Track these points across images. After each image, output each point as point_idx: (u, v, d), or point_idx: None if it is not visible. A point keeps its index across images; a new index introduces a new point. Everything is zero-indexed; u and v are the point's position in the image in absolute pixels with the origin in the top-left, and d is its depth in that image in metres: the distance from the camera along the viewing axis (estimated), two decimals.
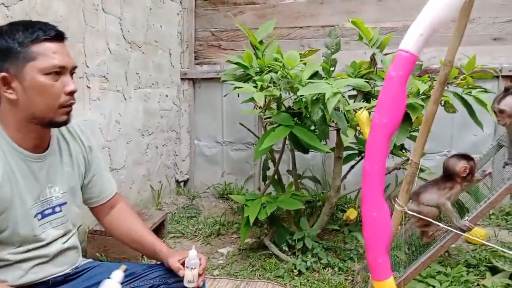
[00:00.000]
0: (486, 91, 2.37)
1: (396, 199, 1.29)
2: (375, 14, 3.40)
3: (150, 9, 3.23)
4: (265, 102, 2.38)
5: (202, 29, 3.88)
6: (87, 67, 2.48)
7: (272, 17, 3.49)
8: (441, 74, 1.07)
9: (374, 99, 2.50)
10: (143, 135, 3.18)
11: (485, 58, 3.24)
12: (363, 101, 2.57)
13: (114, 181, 1.42)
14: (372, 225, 0.80)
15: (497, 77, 3.22)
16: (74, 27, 2.35)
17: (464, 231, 1.65)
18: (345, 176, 2.79)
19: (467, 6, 0.95)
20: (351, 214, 3.02)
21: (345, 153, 2.70)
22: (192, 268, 1.21)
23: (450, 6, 0.70)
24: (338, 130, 2.39)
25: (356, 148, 2.76)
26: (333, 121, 2.29)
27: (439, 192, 1.82)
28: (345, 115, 2.20)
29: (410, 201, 1.78)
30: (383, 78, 2.49)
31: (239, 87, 2.20)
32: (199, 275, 1.23)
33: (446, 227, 1.41)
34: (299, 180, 2.91)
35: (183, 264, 1.23)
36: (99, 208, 1.37)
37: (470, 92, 2.33)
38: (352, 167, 2.80)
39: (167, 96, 3.55)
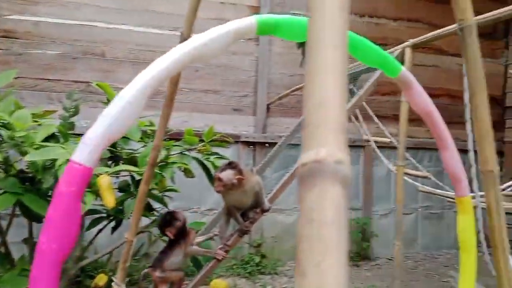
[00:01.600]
0: (222, 157, 2.68)
1: (114, 278, 1.26)
2: (130, 75, 3.47)
3: None
4: None
5: None
6: None
7: (17, 65, 3.15)
8: (150, 157, 1.13)
9: (122, 161, 2.50)
10: None
11: (228, 125, 3.72)
12: (113, 164, 2.53)
13: None
14: None
15: (237, 142, 3.72)
16: None
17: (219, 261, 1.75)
18: (91, 242, 2.65)
19: (167, 101, 1.04)
20: (100, 280, 2.83)
21: (93, 216, 2.58)
22: None
23: (125, 117, 0.71)
24: None
25: (104, 211, 2.66)
26: None
27: (180, 249, 1.88)
28: None
29: (153, 268, 1.77)
30: (128, 140, 2.53)
31: None
32: None
33: None
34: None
35: None
36: None
37: (209, 158, 2.59)
38: (100, 230, 2.68)
39: None
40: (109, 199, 2.06)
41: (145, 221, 2.71)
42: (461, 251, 1.17)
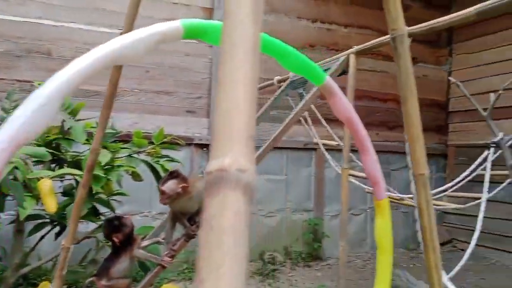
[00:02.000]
0: (172, 160, 2.64)
1: (51, 286, 1.21)
2: None
3: None
4: None
5: None
6: None
7: None
8: (88, 161, 1.10)
9: (67, 164, 2.41)
10: None
11: (180, 127, 3.67)
12: (56, 167, 2.43)
13: None
14: None
15: (190, 144, 3.68)
16: None
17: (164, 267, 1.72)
18: (33, 248, 2.54)
19: (107, 102, 1.02)
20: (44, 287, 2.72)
21: (36, 222, 2.49)
22: None
23: (38, 119, 0.68)
24: None
25: (47, 216, 2.55)
26: None
27: (126, 256, 1.83)
28: (26, 184, 2.02)
29: (98, 277, 1.72)
30: (73, 142, 2.45)
31: None
32: None
33: None
34: None
35: None
36: None
37: (158, 161, 2.55)
38: (43, 236, 2.58)
39: None
40: (50, 204, 1.99)
41: (93, 226, 2.63)
42: (378, 252, 1.23)
